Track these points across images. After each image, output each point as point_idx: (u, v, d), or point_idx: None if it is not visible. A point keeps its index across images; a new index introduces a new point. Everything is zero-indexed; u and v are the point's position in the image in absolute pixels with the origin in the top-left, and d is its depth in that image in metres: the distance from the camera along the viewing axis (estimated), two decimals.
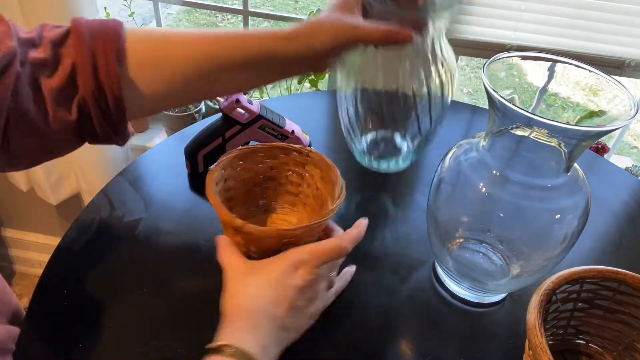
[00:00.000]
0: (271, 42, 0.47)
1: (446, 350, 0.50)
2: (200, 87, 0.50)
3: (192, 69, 0.48)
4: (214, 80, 0.49)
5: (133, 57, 0.46)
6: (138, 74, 0.47)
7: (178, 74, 0.48)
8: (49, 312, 0.50)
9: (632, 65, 1.03)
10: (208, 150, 0.66)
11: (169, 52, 0.48)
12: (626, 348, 0.47)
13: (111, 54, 0.45)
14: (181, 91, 0.49)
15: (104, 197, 0.64)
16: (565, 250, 0.48)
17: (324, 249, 0.44)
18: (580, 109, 0.47)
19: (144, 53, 0.47)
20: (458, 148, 0.52)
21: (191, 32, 0.49)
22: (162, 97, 0.49)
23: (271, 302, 0.42)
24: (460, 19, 0.51)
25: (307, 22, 0.48)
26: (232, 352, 0.38)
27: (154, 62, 0.47)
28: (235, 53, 0.48)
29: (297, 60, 0.48)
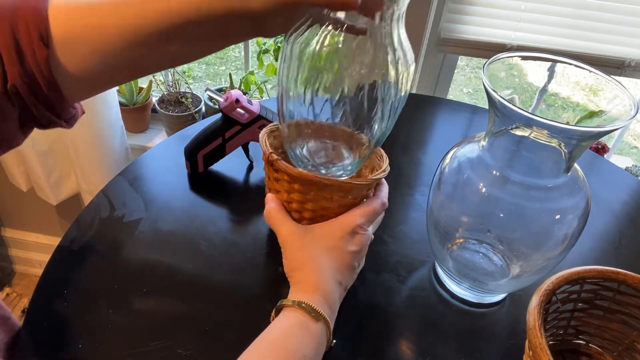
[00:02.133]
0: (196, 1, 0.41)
1: (446, 350, 0.50)
2: (134, 59, 0.45)
3: (120, 39, 0.43)
4: (147, 51, 0.44)
5: (58, 33, 0.42)
6: (65, 52, 0.43)
7: (106, 47, 0.43)
8: (49, 312, 0.50)
9: (632, 65, 1.03)
10: (208, 150, 0.66)
11: (94, 23, 0.43)
12: (626, 348, 0.47)
13: (35, 34, 0.41)
14: (115, 66, 0.45)
15: (104, 197, 0.64)
16: (565, 251, 0.48)
17: (373, 208, 0.48)
18: (580, 109, 0.47)
19: (68, 28, 0.42)
20: (458, 148, 0.52)
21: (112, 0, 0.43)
22: (97, 74, 0.45)
23: (335, 269, 0.46)
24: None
25: None
26: (306, 307, 0.42)
27: (80, 36, 0.43)
28: (164, 17, 0.42)
29: (234, 22, 0.43)
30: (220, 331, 0.50)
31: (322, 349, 0.43)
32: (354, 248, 0.47)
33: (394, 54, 0.44)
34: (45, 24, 0.41)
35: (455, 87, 2.46)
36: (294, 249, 0.46)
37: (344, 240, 0.47)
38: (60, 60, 0.43)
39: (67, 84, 0.44)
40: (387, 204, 0.50)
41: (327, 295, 0.44)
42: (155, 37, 0.43)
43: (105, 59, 0.44)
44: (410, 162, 0.76)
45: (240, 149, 0.70)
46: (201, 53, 0.48)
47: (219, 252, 0.58)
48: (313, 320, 0.42)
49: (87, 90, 0.48)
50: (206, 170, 0.69)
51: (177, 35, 0.43)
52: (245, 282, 0.55)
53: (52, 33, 0.42)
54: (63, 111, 0.46)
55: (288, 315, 0.43)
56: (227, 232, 0.61)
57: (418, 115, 0.88)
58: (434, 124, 0.87)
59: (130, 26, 0.43)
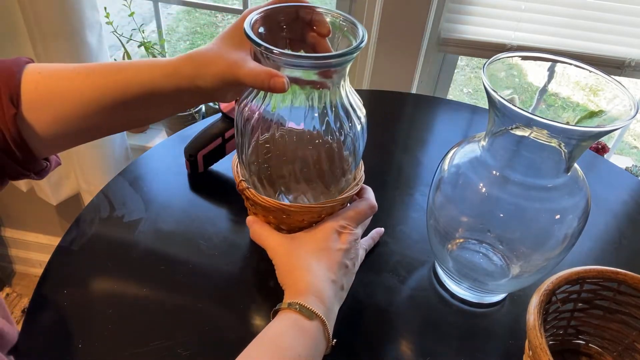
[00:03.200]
0: (149, 78, 0.46)
1: (446, 350, 0.50)
2: (95, 123, 0.48)
3: (78, 106, 0.47)
4: (105, 117, 0.48)
5: (26, 97, 0.46)
6: (34, 115, 0.46)
7: (67, 112, 0.47)
8: (49, 312, 0.50)
9: (632, 65, 1.03)
10: (208, 151, 0.66)
11: (57, 90, 0.47)
12: (626, 348, 0.47)
13: (5, 96, 0.44)
14: (76, 130, 0.48)
15: (104, 197, 0.64)
16: (565, 251, 0.48)
17: (357, 211, 0.50)
18: (580, 109, 0.47)
19: (35, 92, 0.46)
20: (458, 148, 0.52)
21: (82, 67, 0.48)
22: (61, 135, 0.48)
23: (326, 268, 0.47)
24: None
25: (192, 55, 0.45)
26: (298, 307, 0.43)
27: (44, 101, 0.46)
28: (117, 89, 0.46)
29: (183, 95, 0.47)
30: (220, 331, 0.50)
31: (319, 348, 0.43)
32: (342, 246, 0.48)
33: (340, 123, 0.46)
34: (17, 86, 0.45)
35: (455, 87, 2.46)
36: (282, 256, 0.48)
37: (330, 240, 0.48)
38: (27, 121, 0.46)
39: (34, 142, 0.47)
40: (376, 205, 0.52)
41: (320, 294, 0.45)
42: (114, 104, 0.47)
43: (67, 123, 0.47)
44: (410, 162, 0.76)
45: None
46: (156, 118, 0.52)
47: (219, 252, 0.58)
48: (306, 319, 0.42)
49: (53, 148, 0.51)
50: (206, 170, 0.69)
51: (134, 104, 0.47)
52: (245, 282, 0.55)
53: (22, 96, 0.46)
54: (32, 165, 0.49)
55: (282, 317, 0.43)
56: (227, 232, 0.61)
57: (418, 115, 0.88)
58: (434, 124, 0.87)
59: (92, 94, 0.47)
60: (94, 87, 0.46)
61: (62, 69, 0.48)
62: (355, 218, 0.50)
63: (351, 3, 1.08)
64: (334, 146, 0.47)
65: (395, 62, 1.08)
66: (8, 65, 0.46)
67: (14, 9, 0.97)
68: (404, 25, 1.03)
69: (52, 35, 0.97)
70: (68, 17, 0.95)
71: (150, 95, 0.46)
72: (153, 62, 0.47)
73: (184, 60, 0.45)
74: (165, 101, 0.48)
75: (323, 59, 0.41)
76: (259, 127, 0.45)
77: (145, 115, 0.50)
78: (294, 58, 0.40)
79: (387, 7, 1.01)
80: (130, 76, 0.46)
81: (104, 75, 0.47)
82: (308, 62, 0.40)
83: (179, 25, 2.68)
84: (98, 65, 0.48)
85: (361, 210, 0.51)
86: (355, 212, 0.50)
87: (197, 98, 0.48)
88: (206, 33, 2.64)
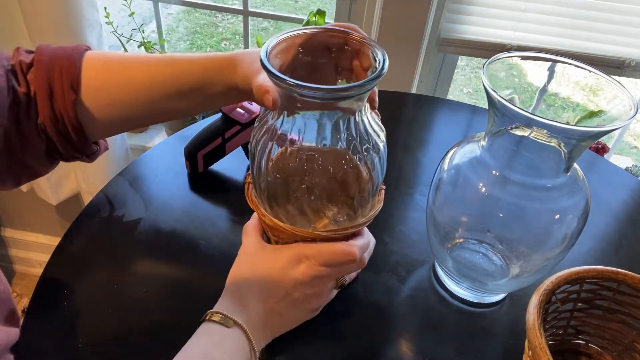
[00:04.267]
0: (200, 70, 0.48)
1: (446, 350, 0.50)
2: (146, 111, 0.51)
3: (133, 93, 0.50)
4: (156, 105, 0.50)
5: (87, 83, 0.48)
6: (92, 100, 0.49)
7: (122, 99, 0.50)
8: (49, 312, 0.50)
9: (632, 65, 1.03)
10: (208, 150, 0.66)
11: (118, 79, 0.49)
12: (626, 348, 0.47)
13: (67, 82, 0.47)
14: (129, 115, 0.51)
15: (104, 197, 0.64)
16: (565, 251, 0.48)
17: (329, 250, 0.44)
18: (580, 109, 0.47)
19: (96, 80, 0.49)
20: (458, 148, 0.52)
21: (141, 57, 0.50)
22: (115, 120, 0.51)
23: (266, 287, 0.44)
24: None
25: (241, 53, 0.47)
26: (220, 318, 0.42)
27: (105, 88, 0.49)
28: (171, 80, 0.49)
29: (230, 90, 0.49)
30: None
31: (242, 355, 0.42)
32: (297, 276, 0.44)
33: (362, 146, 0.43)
34: (78, 73, 0.48)
35: (455, 87, 2.46)
36: (241, 258, 0.47)
37: (288, 266, 0.44)
38: (86, 106, 0.49)
39: (90, 126, 0.50)
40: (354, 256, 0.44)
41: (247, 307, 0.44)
42: (167, 94, 0.50)
43: (121, 108, 0.50)
44: (410, 162, 0.76)
45: (240, 149, 0.70)
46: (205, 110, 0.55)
47: (219, 252, 0.58)
48: (223, 326, 0.42)
49: (106, 131, 0.54)
50: (206, 170, 0.69)
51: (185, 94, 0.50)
52: None
53: (82, 82, 0.48)
54: (85, 148, 0.52)
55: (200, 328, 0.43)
56: (227, 232, 0.61)
57: (418, 115, 0.88)
58: (434, 124, 0.87)
59: (147, 83, 0.49)
60: (149, 76, 0.49)
61: (120, 57, 0.50)
62: (325, 257, 0.44)
63: (351, 3, 1.08)
64: (360, 166, 0.44)
65: (395, 62, 1.08)
66: (69, 52, 0.49)
67: (14, 8, 0.97)
68: (404, 25, 1.03)
69: (52, 35, 0.97)
70: (68, 17, 0.95)
71: (201, 87, 0.49)
72: (208, 56, 0.49)
73: (232, 56, 0.47)
74: (216, 94, 0.50)
75: (332, 91, 0.38)
76: (276, 144, 0.43)
77: (196, 107, 0.53)
78: (299, 88, 0.37)
79: (387, 7, 1.01)
80: (184, 67, 0.49)
81: (159, 65, 0.49)
82: (311, 92, 0.37)
83: (179, 25, 2.68)
84: (154, 56, 0.51)
85: (335, 250, 0.44)
86: (328, 250, 0.44)
87: (241, 95, 0.49)
88: (206, 33, 2.64)
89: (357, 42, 0.44)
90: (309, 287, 0.45)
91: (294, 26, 2.60)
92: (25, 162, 0.50)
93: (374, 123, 0.44)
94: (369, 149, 0.43)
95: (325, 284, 0.47)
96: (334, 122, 0.42)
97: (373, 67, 0.42)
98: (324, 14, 1.09)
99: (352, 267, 0.47)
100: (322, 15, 1.09)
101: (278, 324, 0.46)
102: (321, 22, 1.09)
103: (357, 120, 0.42)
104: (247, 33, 1.24)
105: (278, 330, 0.47)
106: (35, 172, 0.52)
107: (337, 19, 1.12)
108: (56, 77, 0.47)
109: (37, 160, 0.51)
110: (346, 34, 0.44)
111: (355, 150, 0.43)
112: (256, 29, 2.65)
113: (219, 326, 0.42)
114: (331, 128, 0.42)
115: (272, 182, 0.45)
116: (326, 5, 2.69)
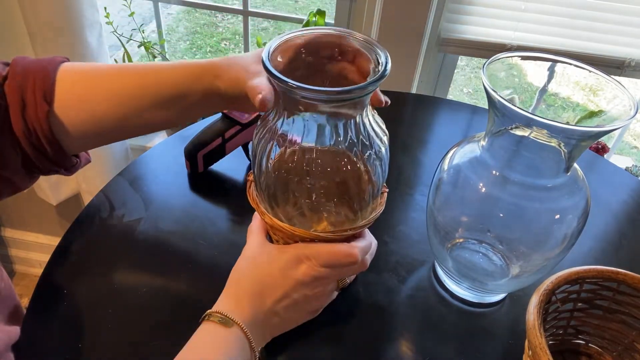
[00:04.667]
0: (180, 78, 0.48)
1: (446, 350, 0.50)
2: (124, 124, 0.50)
3: (111, 106, 0.49)
4: (135, 117, 0.49)
5: (61, 96, 0.47)
6: (66, 112, 0.48)
7: (99, 111, 0.49)
8: (49, 312, 0.50)
9: (632, 65, 1.03)
10: (208, 150, 0.66)
11: (92, 90, 0.48)
12: (626, 348, 0.47)
13: (40, 93, 0.46)
14: (107, 128, 0.50)
15: (104, 197, 0.64)
16: (565, 251, 0.48)
17: (330, 251, 0.44)
18: (580, 109, 0.47)
19: (71, 92, 0.48)
20: (458, 148, 0.52)
21: (115, 68, 0.49)
22: (92, 133, 0.50)
23: (266, 287, 0.44)
24: None
25: (224, 59, 0.47)
26: (219, 319, 0.42)
27: (79, 99, 0.48)
28: (149, 90, 0.48)
29: (211, 97, 0.48)
30: None
31: (243, 356, 0.42)
32: (298, 276, 0.44)
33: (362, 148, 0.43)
34: (52, 84, 0.47)
35: (455, 87, 2.46)
36: (243, 258, 0.47)
37: (288, 267, 0.44)
38: (60, 119, 0.48)
39: (65, 139, 0.49)
40: (355, 257, 0.44)
41: (244, 306, 0.43)
42: (146, 105, 0.49)
43: (99, 121, 0.49)
44: (410, 162, 0.76)
45: (240, 149, 0.70)
46: (186, 120, 0.54)
47: (219, 252, 0.58)
48: (222, 327, 0.42)
49: (83, 145, 0.53)
50: (206, 170, 0.69)
51: (165, 105, 0.49)
52: None
53: (57, 94, 0.47)
54: (62, 161, 0.51)
55: (199, 329, 0.43)
56: (227, 232, 0.61)
57: (418, 115, 0.88)
58: (434, 124, 0.87)
59: (125, 95, 0.48)
60: (127, 87, 0.48)
61: (97, 69, 0.49)
62: (325, 258, 0.43)
63: (351, 3, 1.08)
64: (361, 168, 0.44)
65: (395, 62, 1.08)
66: (44, 64, 0.48)
67: (14, 8, 0.97)
68: (404, 25, 1.03)
69: (52, 35, 0.97)
70: (68, 17, 0.95)
71: (181, 96, 0.48)
72: (185, 64, 0.48)
73: (212, 63, 0.47)
74: (195, 103, 0.49)
75: (334, 93, 0.38)
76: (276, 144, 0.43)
77: (175, 117, 0.51)
78: (301, 90, 0.37)
79: (387, 7, 1.01)
80: (162, 78, 0.48)
81: (133, 76, 0.48)
82: (312, 94, 0.37)
83: (179, 25, 2.68)
84: (132, 66, 0.50)
85: (336, 252, 0.43)
86: (328, 251, 0.44)
87: (223, 102, 0.49)
88: (206, 33, 2.64)
89: (359, 43, 0.44)
90: (309, 288, 0.45)
91: (294, 26, 2.60)
92: (4, 177, 0.49)
93: (376, 126, 0.44)
94: (370, 152, 0.43)
95: (326, 285, 0.47)
96: (335, 124, 0.42)
97: (375, 69, 0.42)
98: (324, 14, 1.10)
99: (354, 269, 0.47)
100: (322, 15, 1.09)
101: (277, 324, 0.46)
102: (321, 22, 1.09)
103: (359, 122, 0.42)
104: (247, 33, 1.24)
105: (277, 331, 0.47)
106: (17, 187, 0.52)
107: (337, 19, 1.12)
108: (29, 89, 0.46)
109: (16, 174, 0.50)
110: (349, 34, 0.44)
111: (355, 152, 0.43)
112: (256, 29, 2.65)
113: (219, 326, 0.42)
114: (331, 130, 0.42)
115: (273, 182, 0.45)
116: (326, 5, 2.69)
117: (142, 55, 1.31)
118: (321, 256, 0.44)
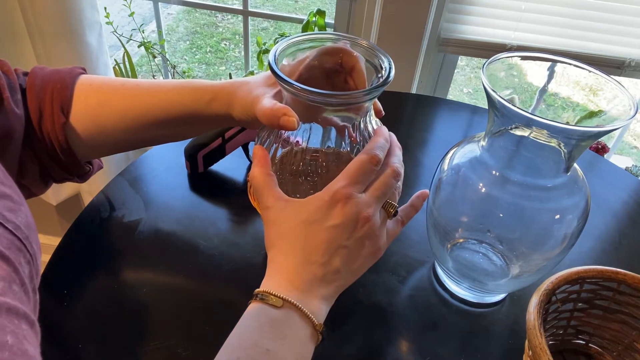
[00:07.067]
0: (189, 101, 0.48)
1: (446, 350, 0.50)
2: (134, 137, 0.52)
3: (122, 120, 0.50)
4: (145, 132, 0.51)
5: (76, 107, 0.49)
6: (79, 123, 0.49)
7: (111, 125, 0.50)
8: (49, 312, 0.50)
9: (632, 65, 1.03)
10: (208, 151, 0.66)
11: (104, 104, 0.50)
12: (626, 348, 0.47)
13: (57, 105, 0.48)
14: (118, 140, 0.52)
15: (104, 197, 0.64)
16: (565, 251, 0.48)
17: (353, 167, 0.40)
18: (580, 109, 0.47)
19: (84, 104, 0.49)
20: (458, 148, 0.52)
21: (132, 85, 0.50)
22: (103, 144, 0.52)
23: (308, 247, 0.40)
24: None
25: (233, 84, 0.47)
26: (261, 297, 0.39)
27: (91, 112, 0.50)
28: (160, 109, 0.49)
29: (221, 120, 0.49)
30: (220, 331, 0.50)
31: (298, 336, 0.38)
32: (333, 222, 0.39)
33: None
34: (69, 97, 0.49)
35: (455, 87, 2.46)
36: (270, 223, 0.41)
37: (321, 213, 0.39)
38: (74, 130, 0.49)
39: (78, 148, 0.51)
40: (380, 158, 0.41)
41: (293, 277, 0.39)
42: (155, 122, 0.50)
43: (110, 133, 0.51)
44: (410, 162, 0.76)
45: (240, 149, 0.70)
46: (193, 135, 0.57)
47: (219, 252, 0.58)
48: (272, 307, 0.38)
49: (95, 153, 0.54)
50: (206, 171, 0.69)
51: (174, 122, 0.50)
52: (245, 282, 0.55)
53: (73, 106, 0.49)
54: (76, 169, 0.52)
55: (247, 311, 0.39)
56: (227, 232, 0.61)
57: (418, 115, 0.88)
58: (434, 124, 0.87)
59: (136, 111, 0.50)
60: (139, 104, 0.50)
61: (112, 83, 0.51)
62: (353, 176, 0.39)
63: (351, 3, 1.08)
64: None
65: (395, 62, 1.07)
66: (63, 75, 0.49)
67: (14, 9, 0.97)
68: (404, 25, 1.03)
69: (52, 35, 0.97)
70: (68, 17, 0.95)
71: (190, 117, 0.49)
72: (196, 87, 0.49)
73: (224, 88, 0.47)
74: (204, 123, 0.51)
75: (338, 97, 0.38)
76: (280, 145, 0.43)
77: (183, 133, 0.54)
78: (309, 94, 0.37)
79: (387, 7, 1.01)
80: (173, 97, 0.49)
81: (149, 94, 0.50)
82: (322, 98, 0.38)
83: (179, 25, 2.68)
84: (145, 83, 0.51)
85: (354, 166, 0.40)
86: (348, 170, 0.40)
87: (234, 123, 0.50)
88: (206, 33, 2.64)
89: (362, 49, 0.44)
90: (356, 229, 0.40)
91: (294, 26, 2.59)
92: (23, 185, 0.50)
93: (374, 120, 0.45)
94: None
95: (371, 218, 0.41)
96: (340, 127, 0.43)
97: (378, 74, 0.42)
98: (324, 14, 1.10)
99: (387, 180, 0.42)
100: (322, 15, 1.09)
101: (338, 279, 0.41)
102: (321, 22, 1.09)
103: (362, 127, 0.43)
104: (247, 33, 1.24)
105: (342, 287, 0.42)
106: (32, 193, 0.53)
107: (337, 19, 1.12)
108: (47, 100, 0.48)
109: (33, 183, 0.51)
110: (351, 40, 0.44)
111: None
112: (256, 29, 2.65)
113: (267, 307, 0.38)
114: (335, 132, 0.43)
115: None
116: (326, 5, 2.69)
117: (142, 55, 1.31)
118: (350, 177, 0.39)
